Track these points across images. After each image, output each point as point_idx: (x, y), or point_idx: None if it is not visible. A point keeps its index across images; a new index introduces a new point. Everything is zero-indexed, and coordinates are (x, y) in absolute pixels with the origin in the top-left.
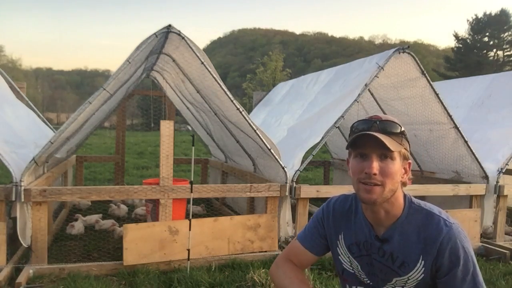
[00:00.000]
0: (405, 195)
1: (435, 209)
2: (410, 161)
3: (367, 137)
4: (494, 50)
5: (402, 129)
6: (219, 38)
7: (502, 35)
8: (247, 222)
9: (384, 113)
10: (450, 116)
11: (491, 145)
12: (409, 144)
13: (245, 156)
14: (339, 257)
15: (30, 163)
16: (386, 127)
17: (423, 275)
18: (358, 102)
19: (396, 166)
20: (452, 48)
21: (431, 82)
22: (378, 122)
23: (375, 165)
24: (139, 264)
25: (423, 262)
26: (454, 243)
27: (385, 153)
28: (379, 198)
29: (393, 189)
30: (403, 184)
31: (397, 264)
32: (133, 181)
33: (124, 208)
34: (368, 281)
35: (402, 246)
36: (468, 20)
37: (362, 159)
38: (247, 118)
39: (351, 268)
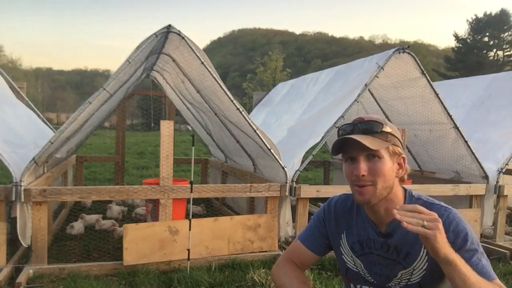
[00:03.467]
0: (405, 190)
1: (435, 200)
2: (403, 155)
3: (350, 141)
4: (494, 50)
5: (385, 127)
6: (219, 38)
7: (502, 35)
8: (247, 222)
9: (384, 113)
10: (450, 116)
11: (491, 145)
12: (399, 140)
13: (245, 156)
14: (342, 256)
15: (30, 163)
16: (367, 127)
17: (427, 263)
18: (358, 102)
19: (386, 164)
20: (452, 48)
21: (431, 82)
22: (359, 124)
23: (362, 166)
24: (139, 264)
25: (425, 250)
26: (456, 225)
27: (372, 153)
28: (372, 198)
29: (387, 186)
30: (401, 179)
31: (402, 256)
32: (133, 181)
33: (116, 209)
34: (372, 280)
35: (405, 237)
36: (468, 20)
37: (352, 162)
38: (247, 118)
39: (355, 267)
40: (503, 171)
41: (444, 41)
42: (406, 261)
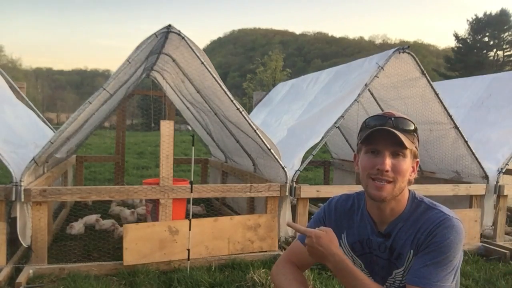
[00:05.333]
0: (409, 191)
1: (438, 205)
2: (418, 160)
3: (381, 133)
4: (494, 50)
5: (415, 127)
6: (219, 38)
7: (502, 35)
8: (247, 222)
9: None
10: (450, 116)
11: (491, 145)
12: (419, 143)
13: (245, 156)
14: None
15: (30, 163)
16: (400, 124)
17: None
18: (358, 102)
19: (407, 163)
20: (452, 48)
21: (431, 82)
22: (392, 119)
23: (388, 162)
24: (139, 264)
25: (411, 251)
26: (442, 231)
27: (397, 151)
28: (389, 195)
29: (403, 186)
30: (409, 182)
31: (395, 256)
32: (133, 181)
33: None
34: (372, 279)
35: (401, 239)
36: (468, 20)
37: (374, 155)
38: (247, 118)
39: None
40: (503, 171)
41: (444, 41)
42: (398, 262)
